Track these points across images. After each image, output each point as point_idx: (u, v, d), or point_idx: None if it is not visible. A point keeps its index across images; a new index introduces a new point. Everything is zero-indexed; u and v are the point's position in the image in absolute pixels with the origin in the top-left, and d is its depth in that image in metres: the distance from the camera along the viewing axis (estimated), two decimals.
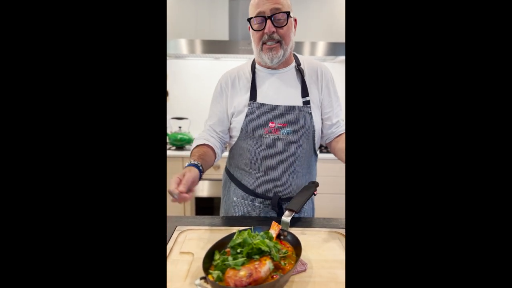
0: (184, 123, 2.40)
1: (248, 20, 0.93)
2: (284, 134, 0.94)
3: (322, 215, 1.06)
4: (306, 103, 0.96)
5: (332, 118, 1.01)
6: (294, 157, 0.96)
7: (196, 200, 2.20)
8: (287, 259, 0.65)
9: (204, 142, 0.95)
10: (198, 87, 2.52)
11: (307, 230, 0.85)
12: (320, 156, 0.96)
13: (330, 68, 1.05)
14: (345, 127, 0.99)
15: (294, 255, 0.66)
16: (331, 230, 0.86)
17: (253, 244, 0.61)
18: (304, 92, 0.96)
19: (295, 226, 0.86)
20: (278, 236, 0.73)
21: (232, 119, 0.99)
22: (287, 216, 0.77)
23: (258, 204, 1.00)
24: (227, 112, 0.99)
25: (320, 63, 1.02)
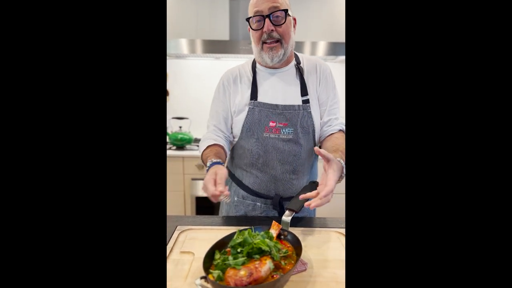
0: (184, 123, 2.40)
1: (247, 20, 0.93)
2: (285, 133, 0.94)
3: (322, 214, 1.06)
4: (306, 101, 0.96)
5: (324, 116, 0.99)
6: (294, 156, 0.96)
7: (197, 200, 2.20)
8: (287, 258, 0.65)
9: (215, 142, 0.95)
10: (199, 87, 2.52)
11: (308, 230, 0.85)
12: None
13: (330, 68, 1.05)
14: (340, 126, 0.99)
15: (294, 255, 0.66)
16: (331, 229, 0.86)
17: (253, 244, 0.61)
18: (304, 91, 0.96)
19: (296, 226, 0.86)
20: (279, 236, 0.73)
21: (234, 118, 0.99)
22: (287, 216, 0.77)
23: (259, 204, 1.00)
24: (230, 110, 0.99)
25: (319, 60, 1.02)
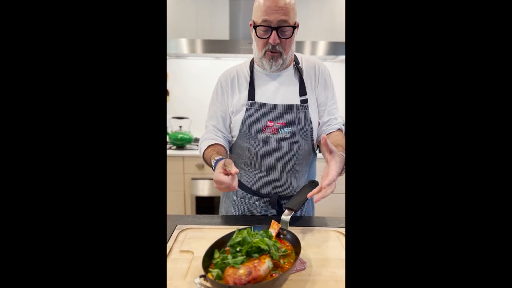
0: (184, 122, 2.40)
1: (255, 27, 0.90)
2: (283, 133, 0.95)
3: (321, 214, 1.06)
4: (304, 101, 0.96)
5: (324, 116, 1.00)
6: (293, 155, 0.96)
7: (197, 199, 2.20)
8: (286, 257, 0.65)
9: (215, 142, 0.96)
10: (199, 87, 2.52)
11: (307, 229, 0.85)
12: (320, 155, 0.96)
13: (330, 67, 1.05)
14: (339, 125, 0.99)
15: (293, 254, 0.67)
16: (330, 229, 0.86)
17: (252, 243, 0.62)
18: (302, 91, 0.97)
19: (295, 225, 0.86)
20: (278, 235, 0.73)
21: (232, 118, 0.99)
22: (286, 215, 0.77)
23: (257, 203, 1.00)
24: (228, 110, 1.00)
25: (318, 60, 1.02)
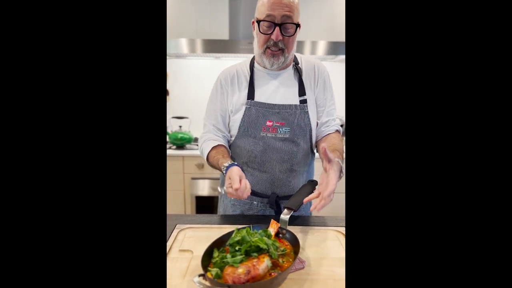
0: (184, 122, 2.40)
1: (258, 22, 0.90)
2: (282, 132, 0.95)
3: (321, 213, 1.06)
4: (303, 102, 0.96)
5: (322, 117, 1.00)
6: (291, 155, 0.96)
7: (196, 199, 2.20)
8: (285, 256, 0.65)
9: (218, 143, 0.97)
10: (199, 87, 2.52)
11: (306, 228, 0.86)
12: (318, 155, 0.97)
13: (330, 67, 1.05)
14: (337, 127, 0.99)
15: (292, 253, 0.67)
16: (329, 228, 0.86)
17: (251, 242, 0.62)
18: (301, 91, 0.97)
19: (294, 224, 0.87)
20: (277, 234, 0.73)
21: (231, 117, 0.99)
22: (285, 214, 0.77)
23: (256, 203, 1.01)
24: (228, 109, 1.00)
25: (317, 61, 1.02)
